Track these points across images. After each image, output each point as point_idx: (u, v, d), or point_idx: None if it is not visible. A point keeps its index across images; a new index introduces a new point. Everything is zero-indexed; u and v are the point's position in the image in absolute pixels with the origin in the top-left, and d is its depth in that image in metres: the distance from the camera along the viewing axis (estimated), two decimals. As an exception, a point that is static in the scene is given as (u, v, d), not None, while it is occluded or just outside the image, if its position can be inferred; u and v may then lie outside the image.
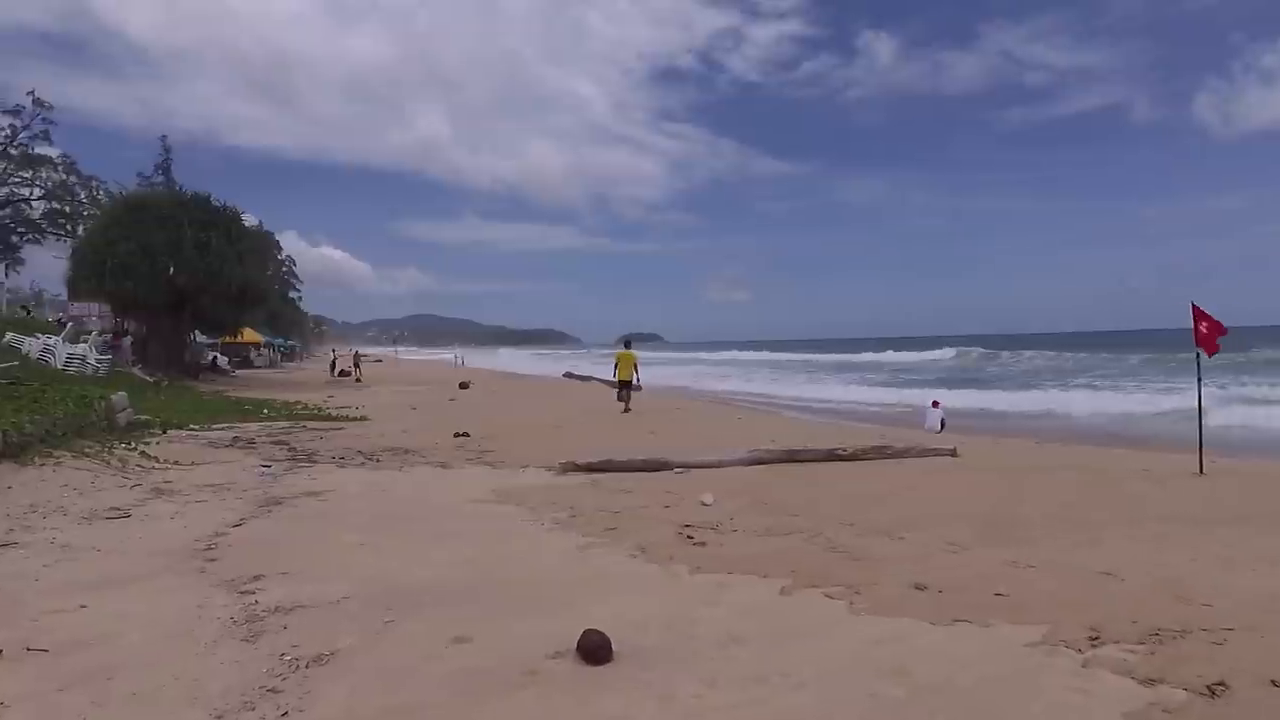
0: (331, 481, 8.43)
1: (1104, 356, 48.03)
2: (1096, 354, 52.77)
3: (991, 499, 7.06)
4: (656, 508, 6.94)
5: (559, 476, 8.79)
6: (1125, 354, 49.55)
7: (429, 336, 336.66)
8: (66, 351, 19.28)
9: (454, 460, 10.12)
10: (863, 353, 68.59)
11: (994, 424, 19.00)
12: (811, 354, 70.50)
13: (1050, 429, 17.57)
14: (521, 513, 6.83)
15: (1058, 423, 19.04)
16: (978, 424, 18.71)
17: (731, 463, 9.12)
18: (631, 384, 18.69)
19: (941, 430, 16.49)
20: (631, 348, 19.74)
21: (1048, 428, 17.82)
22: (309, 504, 7.23)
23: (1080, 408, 19.85)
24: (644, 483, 8.22)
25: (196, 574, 4.91)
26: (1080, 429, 16.38)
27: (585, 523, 6.36)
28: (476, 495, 7.62)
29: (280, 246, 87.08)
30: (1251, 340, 61.08)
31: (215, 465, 9.45)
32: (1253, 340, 61.12)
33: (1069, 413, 19.40)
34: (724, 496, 7.28)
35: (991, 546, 5.46)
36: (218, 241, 28.61)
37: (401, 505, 7.18)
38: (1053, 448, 11.66)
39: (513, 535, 6.01)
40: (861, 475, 8.43)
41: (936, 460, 9.28)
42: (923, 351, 63.69)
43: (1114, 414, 17.59)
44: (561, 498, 7.41)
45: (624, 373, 18.67)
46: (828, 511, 6.64)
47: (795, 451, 9.40)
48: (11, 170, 47.78)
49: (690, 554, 5.35)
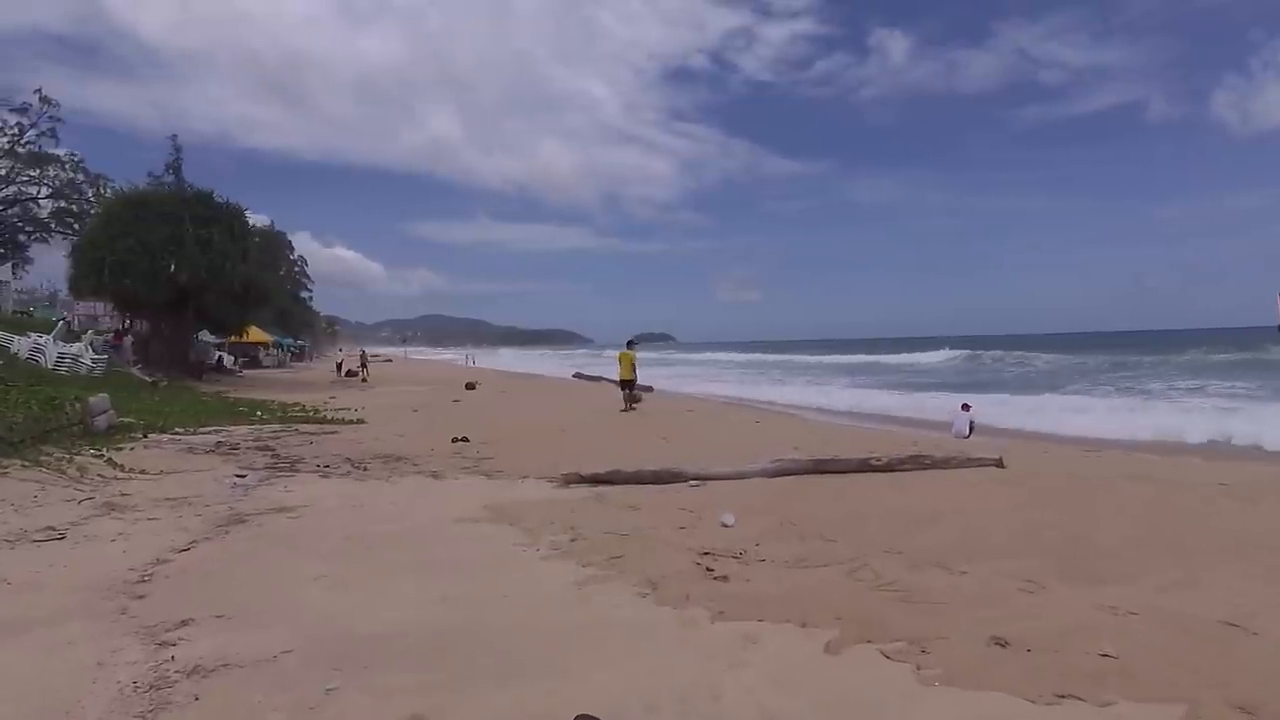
0: (308, 494, 7.58)
1: (1129, 357, 46.66)
2: (1116, 354, 51.40)
3: (1057, 520, 6.11)
4: (669, 529, 6.04)
5: (561, 489, 7.91)
6: (1145, 354, 48.23)
7: (441, 337, 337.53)
8: (57, 351, 18.56)
9: (448, 469, 9.26)
10: (877, 354, 67.38)
11: (1023, 428, 17.99)
12: (825, 354, 69.26)
13: (1076, 432, 16.55)
14: (514, 535, 5.95)
15: (1086, 423, 18.00)
16: (1004, 427, 17.71)
17: (752, 474, 8.21)
18: (632, 383, 18.97)
19: (971, 434, 15.54)
20: (634, 348, 19.88)
21: (1079, 431, 16.80)
22: (275, 522, 6.38)
23: (1117, 412, 18.75)
24: (655, 497, 7.33)
25: (114, 618, 4.06)
26: (1119, 434, 15.33)
27: (587, 548, 5.47)
28: (466, 512, 6.75)
29: (292, 247, 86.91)
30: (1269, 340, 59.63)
31: (187, 474, 8.64)
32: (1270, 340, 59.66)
33: (1106, 418, 18.32)
34: (746, 515, 6.38)
35: (1074, 584, 4.53)
36: (220, 238, 27.94)
37: (379, 524, 6.31)
38: (1107, 455, 10.65)
39: (501, 565, 5.13)
40: (900, 489, 7.50)
41: (981, 471, 8.33)
42: (934, 351, 62.42)
43: (1159, 420, 16.52)
44: (562, 516, 6.52)
45: (625, 372, 18.96)
46: (868, 535, 5.72)
47: (823, 462, 8.47)
48: (19, 169, 47.43)
49: (710, 591, 4.45)
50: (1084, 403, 21.98)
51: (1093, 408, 20.23)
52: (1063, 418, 18.15)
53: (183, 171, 32.58)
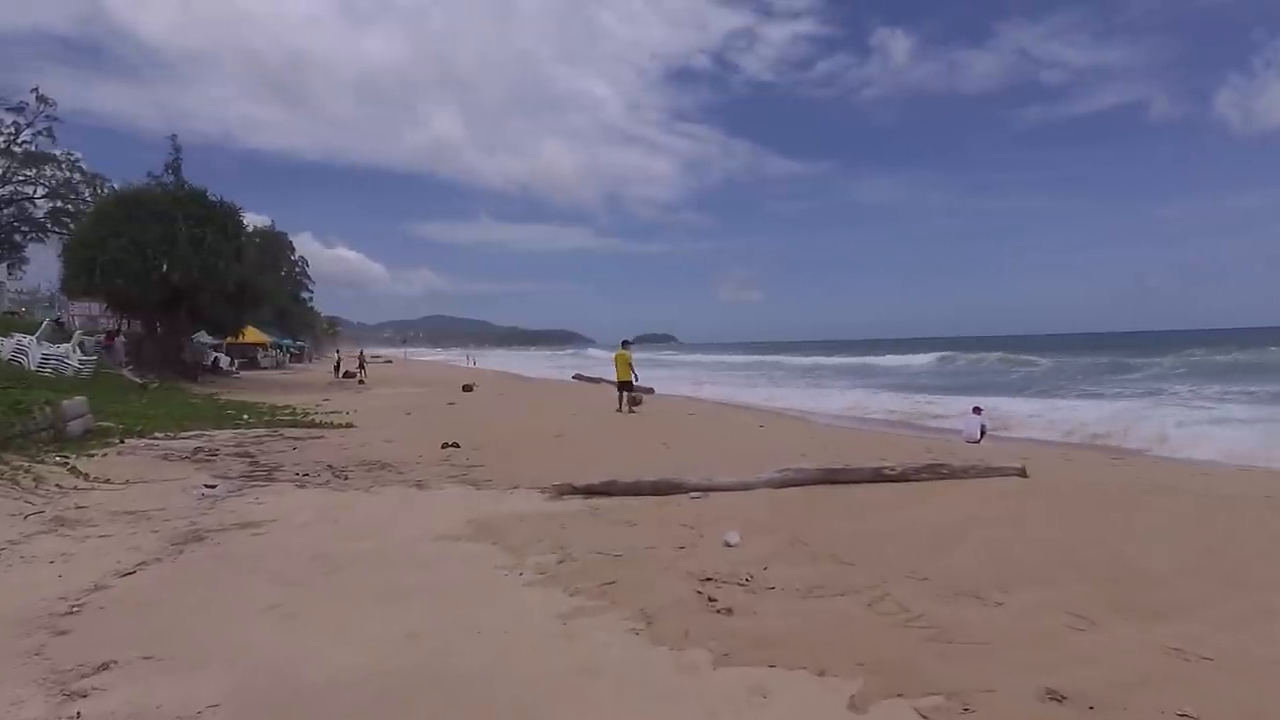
0: (279, 507, 7.04)
1: (1123, 359, 45.99)
2: (1113, 355, 50.75)
3: (1095, 538, 5.55)
4: (668, 548, 5.49)
5: (553, 501, 7.36)
6: (1145, 355, 47.62)
7: (443, 337, 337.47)
8: (41, 352, 18.03)
9: (433, 478, 8.71)
10: (880, 355, 66.78)
11: (1036, 434, 17.44)
12: (827, 356, 68.66)
13: (1086, 437, 15.98)
14: (497, 555, 5.39)
15: (1105, 425, 17.42)
16: (1016, 433, 17.18)
17: (758, 485, 7.64)
18: (630, 384, 18.78)
19: (982, 438, 15.01)
20: (629, 348, 19.60)
21: (1093, 436, 16.23)
22: (237, 540, 5.84)
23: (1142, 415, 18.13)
24: (654, 511, 6.77)
25: (24, 660, 3.51)
26: (1143, 440, 14.75)
27: (576, 572, 4.92)
28: (448, 528, 6.20)
29: (293, 247, 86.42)
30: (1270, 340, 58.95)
31: (154, 484, 8.10)
32: (1270, 340, 59.01)
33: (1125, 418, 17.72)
34: (752, 532, 5.82)
35: (1128, 618, 3.98)
36: (213, 238, 27.37)
37: (351, 542, 5.77)
38: (1135, 464, 10.06)
39: (479, 593, 4.57)
40: (918, 502, 6.93)
41: (1003, 482, 7.75)
42: (939, 352, 61.78)
43: (1173, 423, 15.94)
44: (551, 533, 5.97)
45: (622, 373, 18.76)
46: (888, 556, 5.17)
47: (833, 471, 7.90)
48: (15, 169, 47.01)
49: (712, 627, 3.90)
50: (1070, 406, 21.40)
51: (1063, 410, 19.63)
52: (1071, 424, 17.58)
53: (182, 171, 32.00)
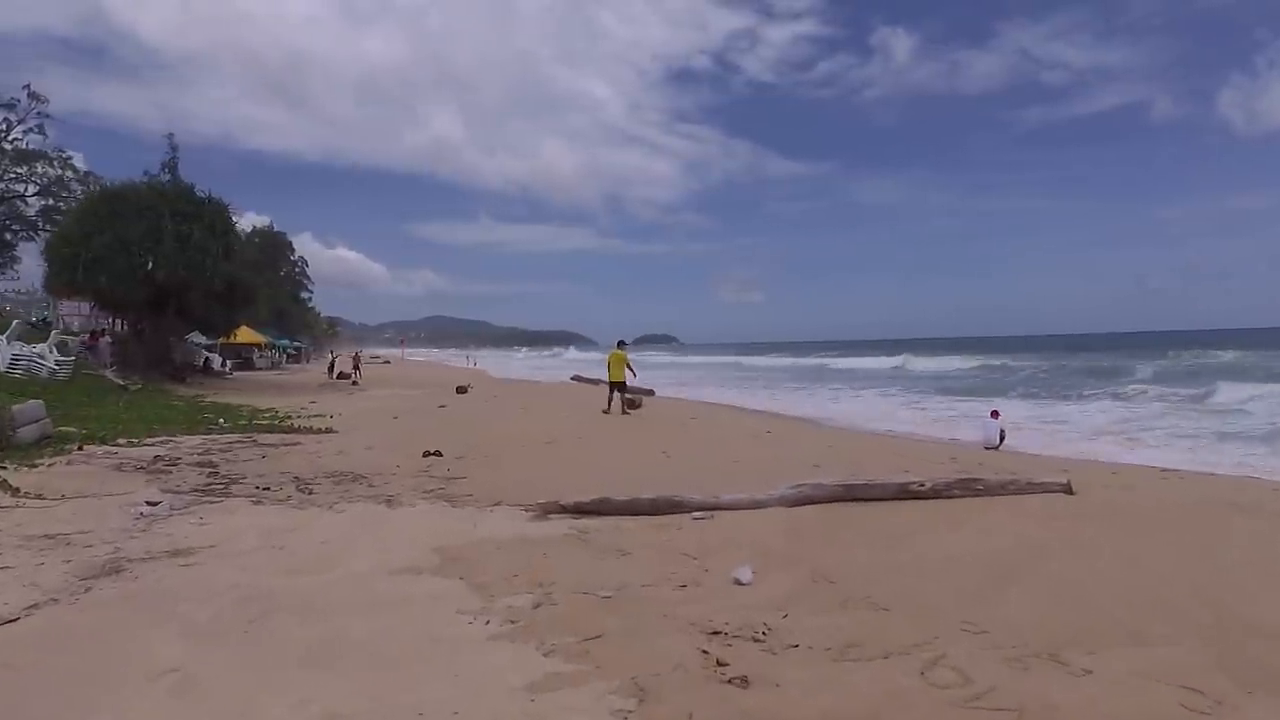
0: (223, 529, 6.16)
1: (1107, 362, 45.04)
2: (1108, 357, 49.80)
3: (1183, 576, 4.65)
4: (667, 587, 4.60)
5: (536, 522, 6.47)
6: (1143, 357, 46.67)
7: (444, 338, 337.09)
8: (11, 352, 17.18)
9: (407, 492, 7.83)
10: (882, 356, 65.82)
11: (1055, 440, 16.53)
12: (830, 357, 67.64)
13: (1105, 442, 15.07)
14: (463, 596, 4.51)
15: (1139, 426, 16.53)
16: (1034, 441, 16.26)
17: (770, 503, 6.76)
18: (625, 385, 18.45)
19: (1001, 444, 14.16)
20: (624, 348, 19.06)
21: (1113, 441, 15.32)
22: (160, 574, 4.96)
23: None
24: (651, 535, 5.89)
25: None
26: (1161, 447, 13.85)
27: (555, 620, 4.03)
28: (410, 558, 5.32)
29: (292, 247, 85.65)
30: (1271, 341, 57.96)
31: (93, 500, 7.23)
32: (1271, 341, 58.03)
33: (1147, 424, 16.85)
34: (767, 565, 4.94)
35: (1257, 692, 3.09)
36: (200, 235, 26.50)
37: (293, 576, 4.89)
38: (1189, 479, 9.12)
39: (431, 651, 3.69)
40: (954, 524, 6.05)
41: (1048, 500, 6.87)
42: (947, 355, 60.82)
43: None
44: (530, 565, 5.09)
45: (616, 374, 18.33)
46: (932, 598, 4.28)
47: (854, 487, 7.01)
48: (7, 166, 46.23)
49: (724, 708, 3.01)
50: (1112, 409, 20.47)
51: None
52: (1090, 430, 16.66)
53: (179, 170, 31.08)
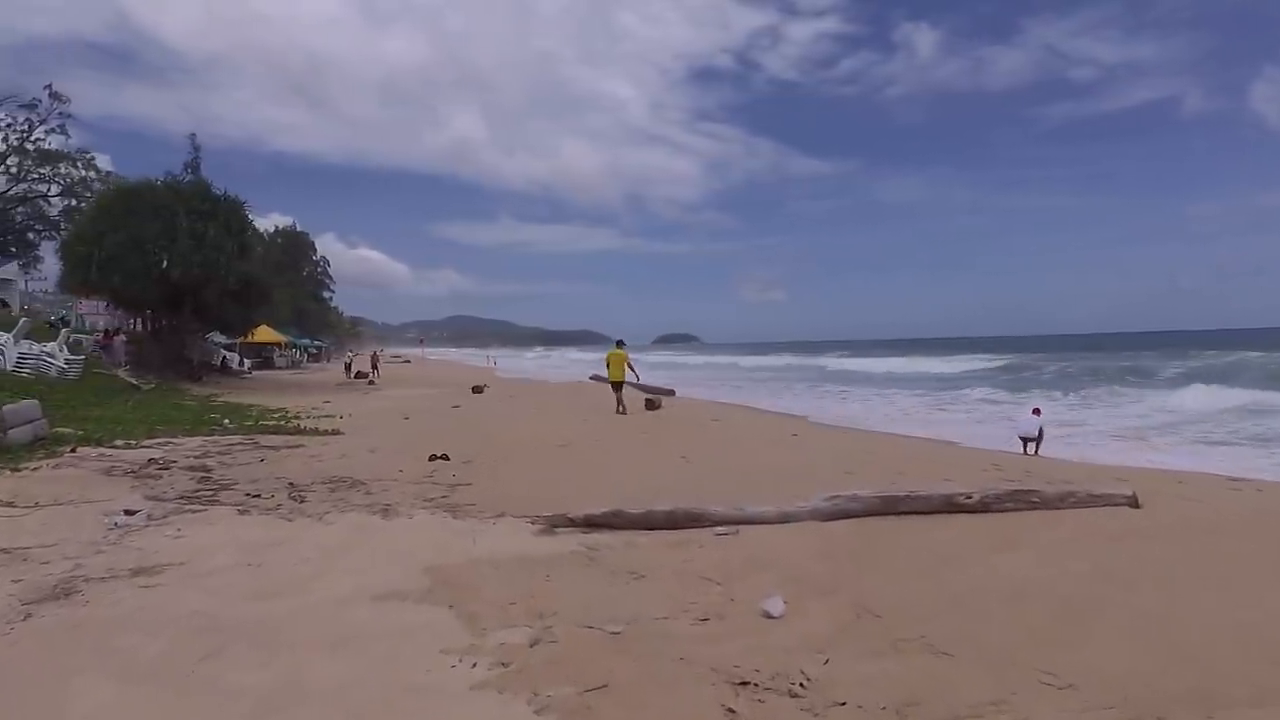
0: (199, 543, 5.61)
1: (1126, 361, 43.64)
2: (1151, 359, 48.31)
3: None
4: (685, 620, 3.97)
5: (542, 536, 5.86)
6: (1189, 356, 45.30)
7: (467, 337, 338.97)
8: (18, 351, 16.87)
9: (406, 501, 7.26)
10: (907, 355, 64.63)
11: (1091, 442, 15.72)
12: (856, 356, 66.48)
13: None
14: (450, 629, 3.90)
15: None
16: (1071, 445, 15.48)
17: (801, 516, 6.10)
18: (624, 384, 18.20)
19: (1040, 441, 13.47)
20: (623, 347, 18.89)
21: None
22: (115, 597, 4.40)
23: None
24: (668, 553, 5.26)
25: None
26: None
27: (553, 663, 3.42)
28: (396, 580, 4.72)
29: (314, 247, 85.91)
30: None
31: (70, 508, 6.72)
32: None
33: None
34: (801, 593, 4.29)
35: None
36: (215, 233, 26.22)
37: (260, 603, 4.31)
38: (1268, 490, 8.31)
39: (404, 702, 3.08)
40: (1010, 543, 5.36)
41: (1113, 516, 6.14)
42: (974, 355, 59.55)
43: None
44: (531, 590, 4.48)
45: (616, 373, 18.04)
46: (997, 638, 3.62)
47: (894, 499, 6.32)
48: (29, 166, 46.50)
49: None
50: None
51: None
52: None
53: (202, 171, 30.80)
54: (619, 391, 18.01)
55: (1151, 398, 24.26)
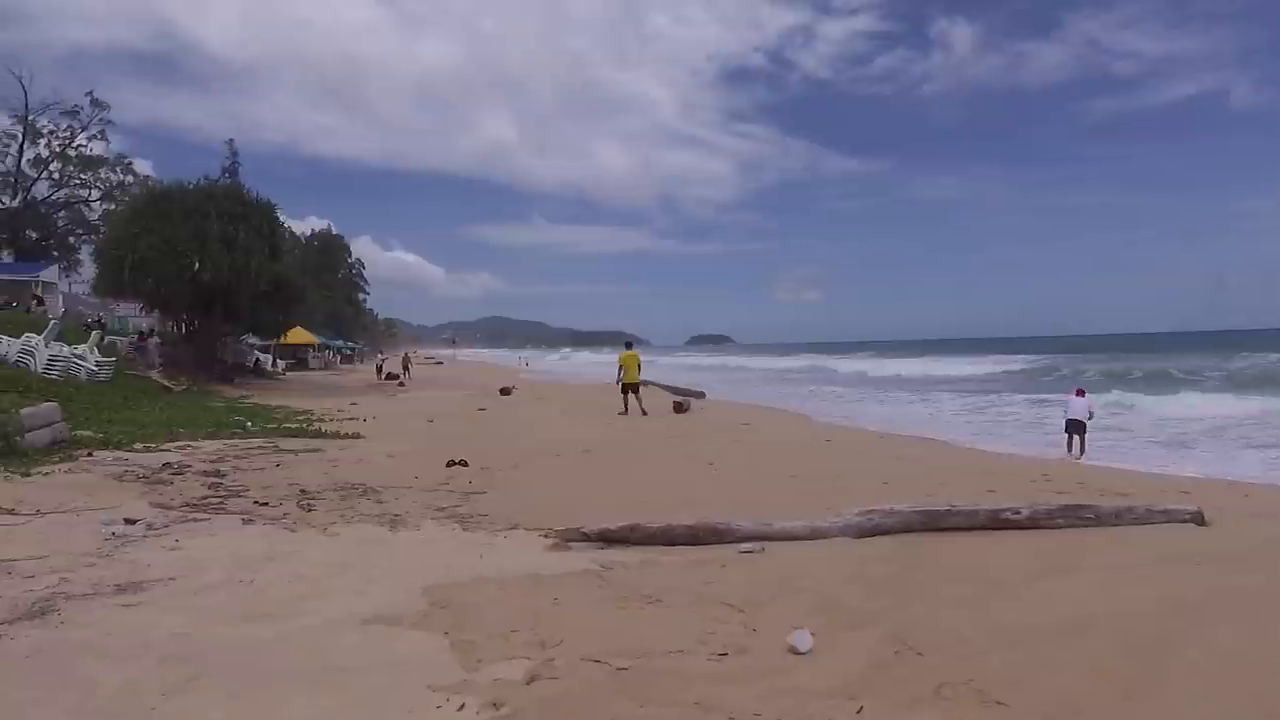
0: (194, 555, 5.33)
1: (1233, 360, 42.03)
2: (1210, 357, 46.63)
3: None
4: (702, 656, 3.56)
5: (554, 552, 5.50)
6: (1238, 356, 43.62)
7: (500, 338, 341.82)
8: (49, 353, 16.98)
9: (416, 510, 6.95)
10: (946, 356, 63.30)
11: (1138, 448, 14.98)
12: (892, 358, 65.27)
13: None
14: (442, 659, 3.54)
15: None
16: (1116, 450, 14.76)
17: (832, 532, 5.66)
18: (637, 387, 18.23)
19: (1090, 421, 13.28)
20: (633, 349, 18.97)
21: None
22: (95, 616, 4.11)
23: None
24: (686, 574, 4.85)
25: None
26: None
27: (550, 708, 3.03)
28: (393, 601, 4.38)
29: (349, 250, 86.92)
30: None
31: (71, 515, 6.50)
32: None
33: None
34: (833, 624, 3.86)
35: None
36: (246, 235, 26.38)
37: (242, 627, 3.99)
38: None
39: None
40: (1065, 565, 4.86)
41: (1175, 532, 5.60)
42: (1014, 355, 58.11)
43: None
44: (535, 614, 4.10)
45: (629, 375, 18.02)
46: (1061, 684, 3.16)
47: (934, 514, 5.85)
48: (71, 172, 47.52)
49: None
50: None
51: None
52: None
53: (240, 175, 31.15)
54: (636, 394, 17.95)
55: (1199, 399, 23.23)
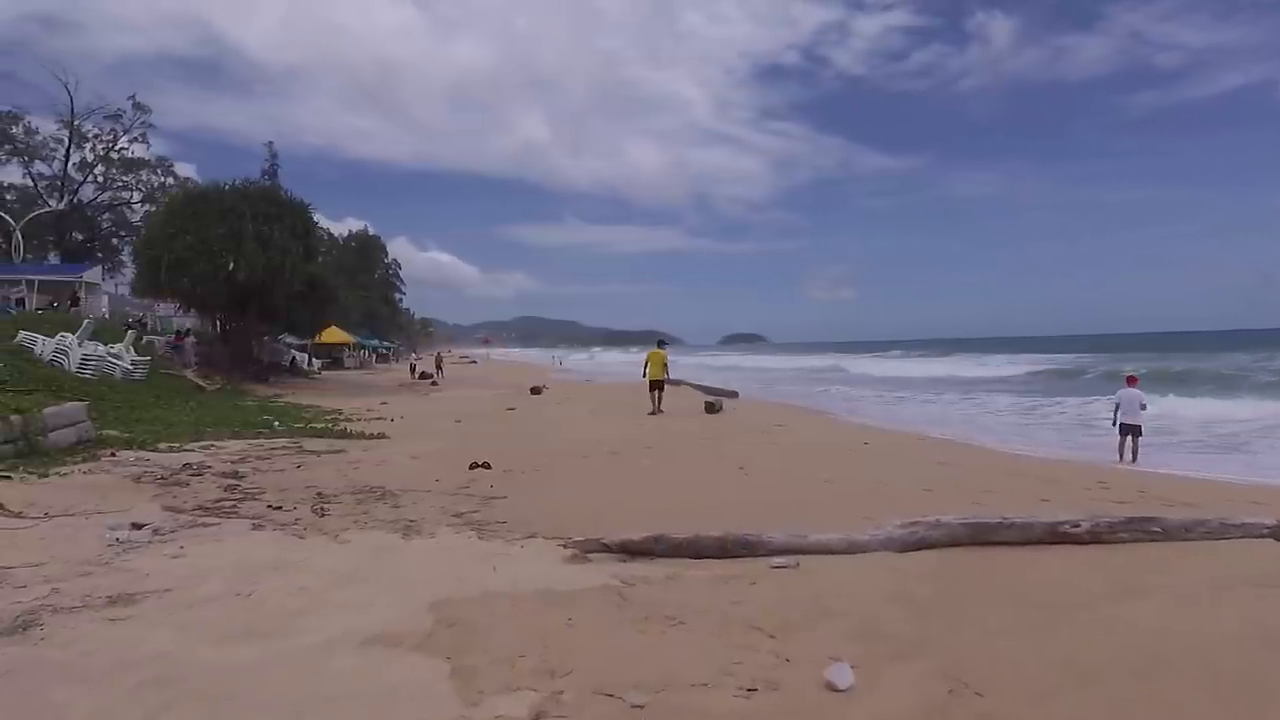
0: (197, 564, 5.09)
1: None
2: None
3: None
4: (726, 691, 3.17)
5: (572, 564, 5.14)
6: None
7: (534, 338, 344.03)
8: (82, 352, 17.10)
9: (432, 516, 6.65)
10: (990, 352, 61.91)
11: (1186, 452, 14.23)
12: (930, 357, 63.97)
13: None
14: (441, 689, 3.21)
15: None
16: (1165, 454, 14.05)
17: (873, 546, 5.23)
18: (662, 385, 18.21)
19: (1143, 413, 12.55)
20: (665, 347, 19.08)
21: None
22: (79, 632, 3.85)
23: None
24: (713, 592, 4.46)
25: None
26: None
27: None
28: (397, 617, 4.07)
29: (385, 250, 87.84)
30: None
31: (77, 519, 6.33)
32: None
33: None
34: (875, 653, 3.45)
35: None
36: (281, 236, 26.51)
37: (232, 647, 3.70)
38: None
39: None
40: (1134, 586, 4.38)
41: (1252, 549, 5.07)
42: (1055, 353, 56.54)
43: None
44: (547, 635, 3.76)
45: (654, 373, 18.00)
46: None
47: (986, 526, 5.39)
48: (114, 175, 48.47)
49: None
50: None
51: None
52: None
53: (279, 177, 31.40)
54: (659, 391, 17.94)
55: (1247, 400, 22.17)
